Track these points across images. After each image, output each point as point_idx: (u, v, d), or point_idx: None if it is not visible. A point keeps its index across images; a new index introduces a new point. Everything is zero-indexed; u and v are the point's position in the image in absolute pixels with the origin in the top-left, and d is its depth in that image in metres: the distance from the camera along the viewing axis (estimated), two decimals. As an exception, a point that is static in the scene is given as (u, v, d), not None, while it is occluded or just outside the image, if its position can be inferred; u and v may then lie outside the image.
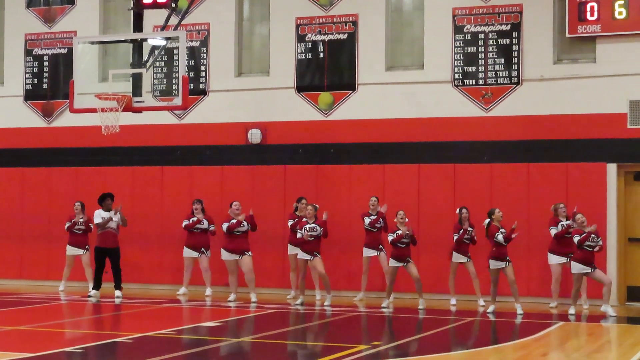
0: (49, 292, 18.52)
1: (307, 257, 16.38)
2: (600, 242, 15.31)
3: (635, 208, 17.31)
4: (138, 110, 16.09)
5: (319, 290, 17.43)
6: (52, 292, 18.49)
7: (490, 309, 15.69)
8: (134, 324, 14.50)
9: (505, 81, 17.82)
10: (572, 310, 15.45)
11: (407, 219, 16.32)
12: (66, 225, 18.45)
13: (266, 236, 18.00)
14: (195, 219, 17.78)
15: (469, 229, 16.64)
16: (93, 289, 17.71)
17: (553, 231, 16.33)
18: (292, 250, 17.37)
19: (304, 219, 16.55)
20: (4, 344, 11.72)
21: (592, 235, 15.24)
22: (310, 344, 12.82)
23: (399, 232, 16.08)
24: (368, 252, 17.23)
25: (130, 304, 16.60)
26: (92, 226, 18.30)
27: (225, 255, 17.08)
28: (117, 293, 17.50)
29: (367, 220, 17.12)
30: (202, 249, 17.91)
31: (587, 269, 15.30)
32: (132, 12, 16.42)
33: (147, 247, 19.45)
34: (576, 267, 15.36)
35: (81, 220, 18.38)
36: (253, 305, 16.44)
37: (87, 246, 18.41)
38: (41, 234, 20.15)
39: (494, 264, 15.63)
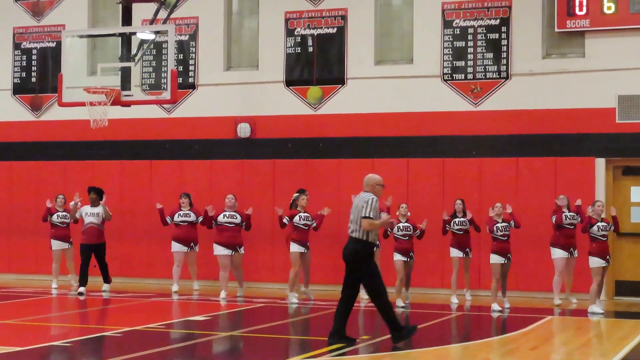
0: (37, 286, 18.47)
1: (302, 249, 16.28)
2: (607, 231, 15.12)
3: (623, 202, 17.34)
4: (127, 104, 16.06)
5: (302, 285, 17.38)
6: (40, 286, 18.44)
7: (495, 307, 15.29)
8: (123, 318, 14.47)
9: (495, 76, 17.83)
10: (597, 309, 14.88)
11: (409, 213, 16.25)
12: (47, 216, 18.34)
13: (254, 230, 17.95)
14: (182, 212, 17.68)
15: (462, 219, 16.56)
16: (80, 285, 17.48)
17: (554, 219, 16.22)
18: (294, 247, 17.32)
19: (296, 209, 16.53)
20: (-9, 338, 11.70)
21: (601, 224, 15.04)
22: (298, 338, 12.81)
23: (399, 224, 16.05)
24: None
25: (119, 298, 16.57)
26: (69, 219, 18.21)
27: (217, 249, 16.82)
28: (105, 287, 17.42)
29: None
30: (191, 243, 17.83)
31: (603, 263, 14.99)
32: (120, 5, 16.40)
33: (136, 241, 19.41)
34: (593, 261, 15.01)
35: (60, 214, 18.25)
36: (240, 299, 16.43)
37: (70, 239, 18.31)
38: (29, 228, 20.07)
39: (494, 259, 15.52)
